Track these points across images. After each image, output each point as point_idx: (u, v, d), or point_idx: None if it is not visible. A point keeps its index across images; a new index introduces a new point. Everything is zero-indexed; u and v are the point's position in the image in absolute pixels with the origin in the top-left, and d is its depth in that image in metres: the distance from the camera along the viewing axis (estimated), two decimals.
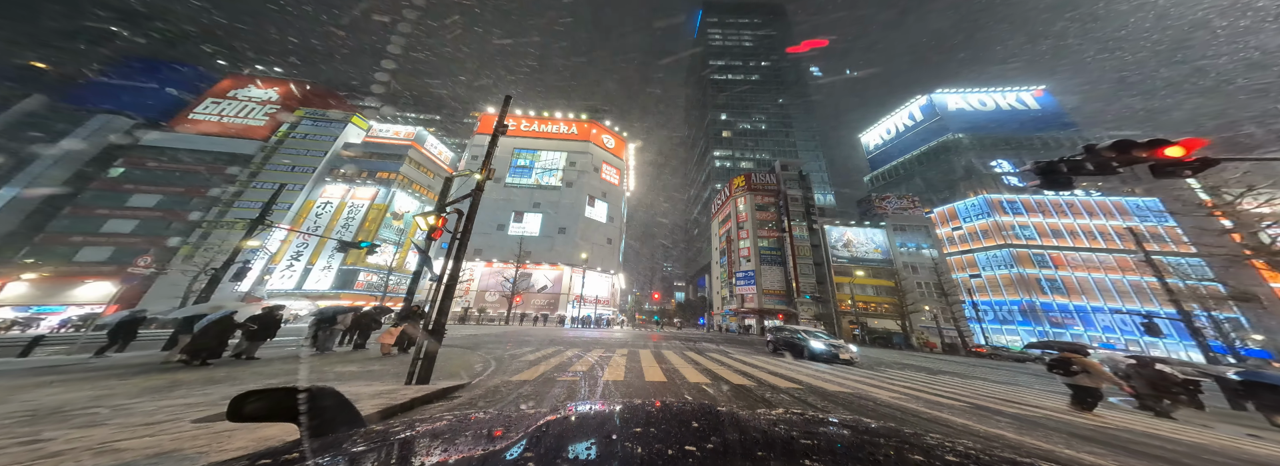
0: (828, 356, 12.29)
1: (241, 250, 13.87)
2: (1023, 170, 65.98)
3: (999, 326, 45.30)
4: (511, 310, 35.47)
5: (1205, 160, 4.71)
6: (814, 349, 12.65)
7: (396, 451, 0.79)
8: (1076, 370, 6.50)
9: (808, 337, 13.31)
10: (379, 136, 52.89)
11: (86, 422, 3.32)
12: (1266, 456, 4.62)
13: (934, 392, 7.44)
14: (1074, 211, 48.60)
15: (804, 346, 13.00)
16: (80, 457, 2.53)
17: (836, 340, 13.48)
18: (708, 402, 1.35)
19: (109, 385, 4.97)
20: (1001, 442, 4.02)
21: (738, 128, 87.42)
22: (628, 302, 79.46)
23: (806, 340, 13.16)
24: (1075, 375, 6.50)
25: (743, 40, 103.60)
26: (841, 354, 12.42)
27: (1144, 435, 5.18)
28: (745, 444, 0.83)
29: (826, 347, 12.49)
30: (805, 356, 12.80)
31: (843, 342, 13.22)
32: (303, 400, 0.88)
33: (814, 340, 13.10)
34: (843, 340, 14.21)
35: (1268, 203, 13.32)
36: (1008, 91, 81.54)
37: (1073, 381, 6.54)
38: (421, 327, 5.75)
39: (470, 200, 6.67)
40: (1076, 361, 6.56)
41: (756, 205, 48.62)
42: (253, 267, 34.80)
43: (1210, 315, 29.15)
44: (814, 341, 13.00)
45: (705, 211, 78.00)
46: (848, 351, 12.64)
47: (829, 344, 12.75)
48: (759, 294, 42.71)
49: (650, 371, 7.98)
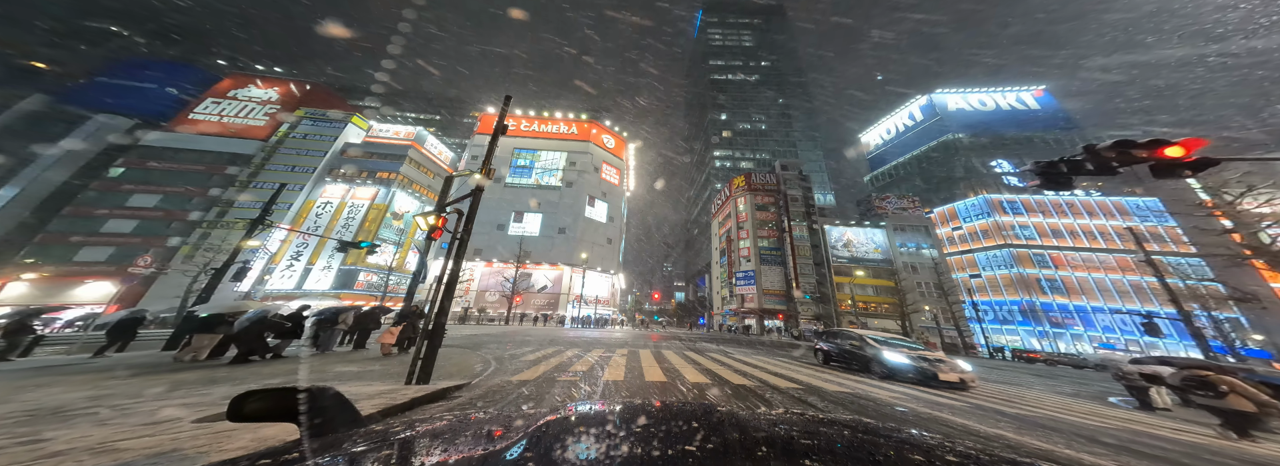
0: (917, 374, 8.30)
1: (241, 250, 13.86)
2: (1023, 170, 66.00)
3: (999, 326, 45.31)
4: (511, 310, 35.47)
5: (1205, 160, 4.71)
6: (890, 363, 8.73)
7: (396, 451, 0.79)
8: (1225, 391, 5.64)
9: (879, 347, 9.32)
10: (379, 136, 52.88)
11: (86, 422, 3.32)
12: (1266, 456, 4.63)
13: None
14: (1074, 211, 48.61)
15: (873, 358, 9.21)
16: (80, 457, 2.53)
17: (927, 350, 9.29)
18: (708, 402, 1.35)
19: (109, 385, 4.97)
20: (1001, 442, 4.02)
21: (738, 127, 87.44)
22: (628, 302, 79.48)
23: (878, 350, 9.20)
24: (1224, 396, 5.63)
25: (743, 40, 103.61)
26: (943, 372, 8.16)
27: (1144, 435, 5.18)
28: (745, 444, 0.82)
29: (911, 362, 8.48)
30: (876, 373, 9.06)
31: (939, 354, 8.97)
32: (303, 400, 0.88)
33: (889, 350, 9.07)
34: (930, 348, 9.85)
35: (1268, 202, 13.33)
36: (1008, 91, 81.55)
37: (1220, 404, 5.64)
38: (421, 328, 5.75)
39: (470, 200, 6.66)
40: (1221, 381, 5.72)
41: (756, 205, 48.64)
42: (253, 267, 34.79)
43: (1210, 315, 29.17)
44: (889, 352, 8.97)
45: (705, 211, 78.00)
46: (953, 367, 8.31)
47: (916, 356, 8.64)
48: (759, 294, 42.72)
49: (650, 371, 7.98)
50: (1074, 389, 11.13)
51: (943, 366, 8.25)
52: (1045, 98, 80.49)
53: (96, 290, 35.50)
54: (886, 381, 8.51)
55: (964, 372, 8.25)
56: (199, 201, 42.08)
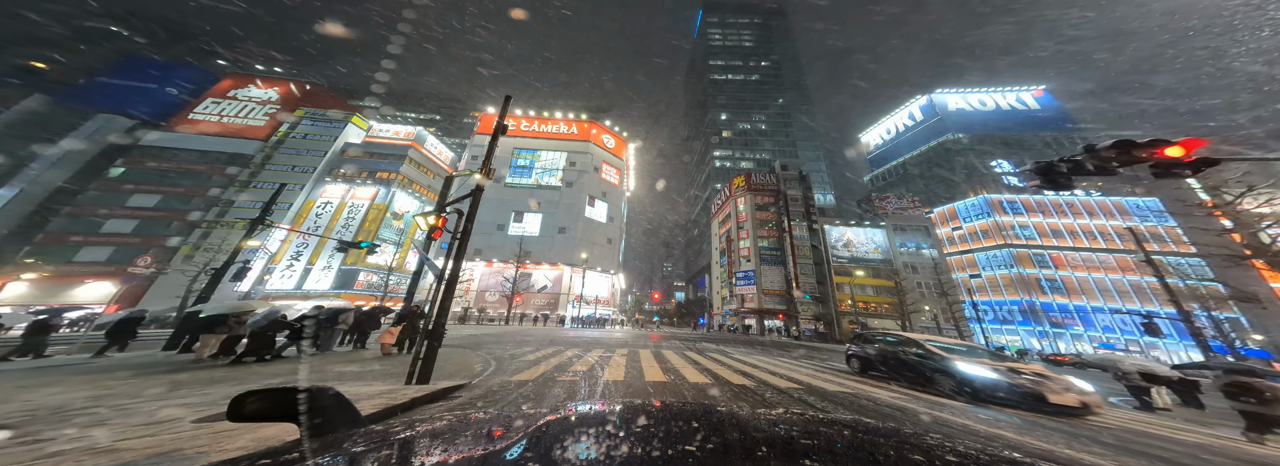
0: (1012, 394, 6.10)
1: (241, 250, 13.86)
2: (1022, 170, 65.96)
3: (999, 326, 45.32)
4: (511, 310, 35.46)
5: (1205, 160, 4.71)
6: (972, 378, 6.51)
7: (396, 451, 0.79)
8: (1270, 398, 5.70)
9: (951, 356, 7.07)
10: (379, 136, 52.88)
11: (86, 422, 3.33)
12: (1267, 456, 4.63)
13: None
14: (1074, 211, 48.61)
15: (943, 371, 6.97)
16: (80, 458, 2.53)
17: (1019, 360, 7.13)
18: (708, 402, 1.35)
19: (109, 385, 4.97)
20: (1002, 442, 4.02)
21: (738, 127, 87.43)
22: (628, 302, 79.51)
23: (950, 361, 6.94)
24: (1270, 404, 5.67)
25: (743, 40, 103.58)
26: (1052, 392, 5.95)
27: (1144, 435, 5.18)
28: (745, 444, 0.83)
29: (1003, 378, 6.27)
30: (943, 388, 6.90)
31: (1038, 368, 6.62)
32: (303, 400, 0.88)
33: (965, 361, 6.84)
34: (1023, 357, 6.83)
35: (1268, 202, 13.31)
36: (1008, 91, 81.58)
37: (1263, 410, 5.66)
38: (421, 328, 5.76)
39: (470, 200, 6.67)
40: (1266, 387, 5.77)
41: (756, 205, 48.62)
42: (253, 267, 34.82)
43: (1210, 315, 29.18)
44: (966, 363, 6.75)
45: (705, 211, 78.00)
46: (1065, 386, 6.06)
47: (1006, 370, 6.41)
48: (759, 294, 42.72)
49: (650, 371, 7.98)
50: None
51: (1050, 385, 6.03)
52: (1045, 98, 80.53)
53: (96, 290, 35.51)
54: (960, 400, 6.44)
55: (1084, 394, 5.99)
56: (199, 201, 42.09)
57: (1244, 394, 5.86)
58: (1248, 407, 5.80)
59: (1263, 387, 5.77)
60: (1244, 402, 5.85)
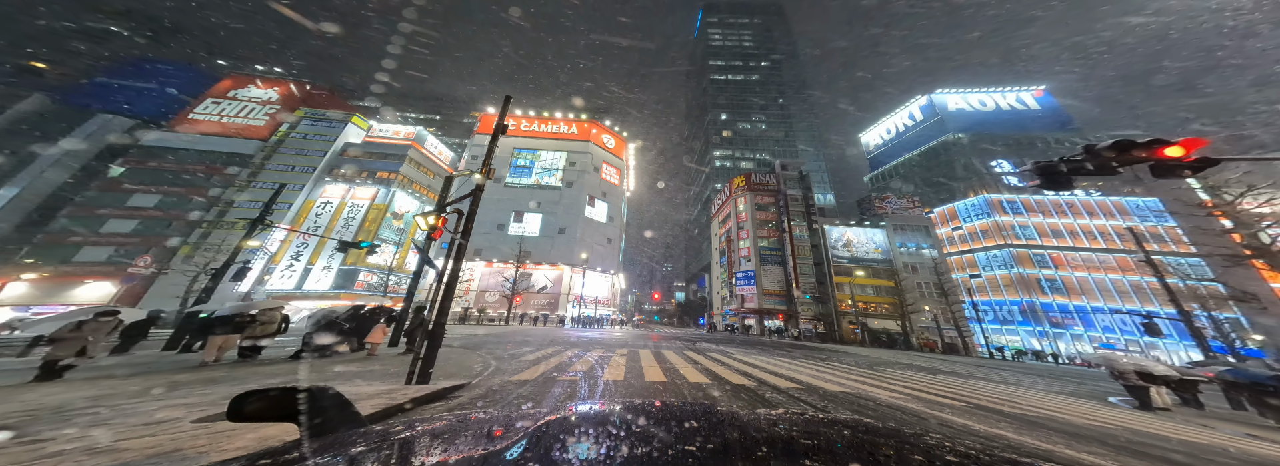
0: None
1: (241, 250, 13.87)
2: (1022, 170, 65.96)
3: (999, 326, 45.29)
4: (511, 310, 35.45)
5: (1205, 160, 4.70)
6: None
7: (396, 451, 0.79)
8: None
9: None
10: (379, 136, 52.86)
11: (86, 422, 3.32)
12: (1267, 456, 4.62)
13: None
14: (1074, 211, 48.59)
15: None
16: (80, 458, 2.53)
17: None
18: (708, 402, 1.35)
19: (109, 385, 4.97)
20: (1001, 442, 4.02)
21: (738, 127, 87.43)
22: (628, 303, 79.47)
23: None
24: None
25: (743, 40, 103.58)
26: None
27: (1144, 435, 5.18)
28: (745, 444, 0.82)
29: None
30: None
31: None
32: (303, 400, 0.88)
33: None
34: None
35: (1268, 202, 13.32)
36: (1007, 91, 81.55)
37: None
38: (420, 328, 5.77)
39: (470, 200, 6.67)
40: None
41: (756, 205, 48.61)
42: (253, 267, 34.77)
43: (1210, 315, 29.18)
44: None
45: (705, 211, 78.00)
46: None
47: None
48: (759, 294, 42.71)
49: (650, 371, 7.97)
50: (1074, 388, 11.13)
51: None
52: (1045, 97, 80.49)
53: (96, 290, 35.48)
54: None
55: None
56: (199, 201, 42.06)
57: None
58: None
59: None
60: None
